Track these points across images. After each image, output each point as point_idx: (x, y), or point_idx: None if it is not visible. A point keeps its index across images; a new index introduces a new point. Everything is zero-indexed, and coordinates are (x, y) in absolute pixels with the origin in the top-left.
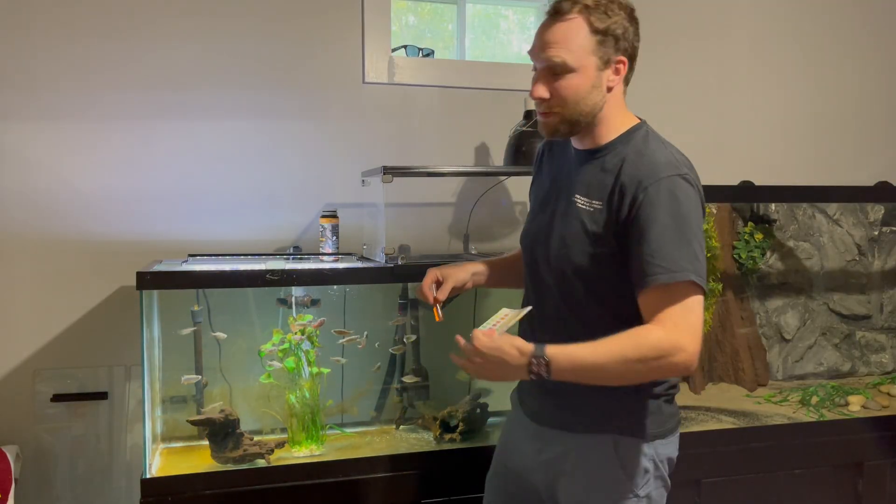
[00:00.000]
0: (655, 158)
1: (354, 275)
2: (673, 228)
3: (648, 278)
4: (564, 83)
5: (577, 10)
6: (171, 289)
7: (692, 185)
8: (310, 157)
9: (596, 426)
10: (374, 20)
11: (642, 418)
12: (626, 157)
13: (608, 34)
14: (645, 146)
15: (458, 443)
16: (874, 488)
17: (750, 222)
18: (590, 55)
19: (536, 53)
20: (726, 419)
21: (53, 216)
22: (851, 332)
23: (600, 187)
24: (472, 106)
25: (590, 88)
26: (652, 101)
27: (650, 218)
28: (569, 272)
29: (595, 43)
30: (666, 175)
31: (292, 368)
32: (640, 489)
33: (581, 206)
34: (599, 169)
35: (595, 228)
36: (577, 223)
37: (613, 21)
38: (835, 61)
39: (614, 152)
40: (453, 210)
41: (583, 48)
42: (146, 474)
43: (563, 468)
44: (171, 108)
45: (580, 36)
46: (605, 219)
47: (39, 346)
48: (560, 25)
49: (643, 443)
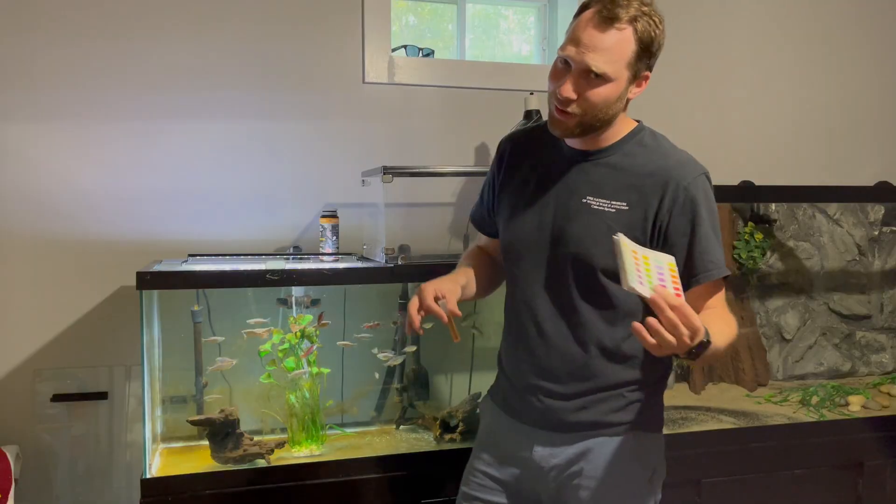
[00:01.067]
0: (680, 158)
1: (354, 275)
2: (712, 227)
3: (702, 275)
4: (597, 90)
5: (628, 19)
6: (171, 289)
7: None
8: (310, 157)
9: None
10: (374, 20)
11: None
12: (641, 156)
13: (648, 50)
14: (660, 146)
15: (458, 443)
16: (874, 488)
17: (750, 222)
18: (626, 69)
19: (577, 52)
20: (726, 419)
21: (53, 216)
22: (851, 332)
23: (619, 188)
24: (472, 106)
25: (616, 99)
26: (652, 100)
27: (696, 217)
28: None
29: (635, 58)
30: (698, 174)
31: (292, 368)
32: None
33: (598, 207)
34: (609, 169)
35: (623, 229)
36: (599, 224)
37: (657, 37)
38: (835, 61)
39: (622, 152)
40: (453, 210)
41: (624, 61)
42: (146, 474)
43: (578, 469)
44: (171, 108)
45: (627, 49)
46: (636, 219)
47: (39, 346)
48: (612, 34)
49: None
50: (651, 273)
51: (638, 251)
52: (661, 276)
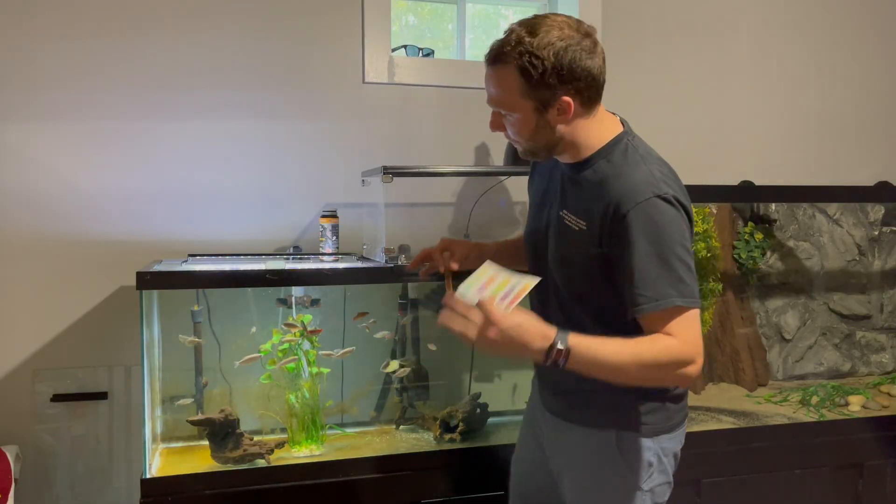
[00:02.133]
0: (633, 180)
1: (354, 275)
2: (652, 255)
3: (636, 308)
4: (510, 123)
5: (508, 56)
6: (171, 289)
7: (671, 202)
8: (310, 157)
9: (598, 421)
10: (374, 20)
11: (645, 414)
12: (604, 177)
13: (541, 80)
14: (624, 164)
15: (458, 443)
16: (874, 488)
17: (750, 222)
18: (522, 99)
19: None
20: (726, 419)
21: (53, 216)
22: (851, 332)
23: (583, 207)
24: (472, 106)
25: (534, 129)
26: (652, 100)
27: (630, 247)
28: (566, 282)
29: (527, 87)
30: (643, 199)
31: (292, 368)
32: (644, 483)
33: (568, 223)
34: (581, 186)
35: (581, 249)
36: (566, 239)
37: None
38: (835, 61)
39: (594, 168)
40: (453, 210)
41: (514, 93)
42: (146, 474)
43: (571, 460)
44: (171, 108)
45: (511, 82)
46: (589, 240)
47: (39, 346)
48: (494, 70)
49: (644, 438)
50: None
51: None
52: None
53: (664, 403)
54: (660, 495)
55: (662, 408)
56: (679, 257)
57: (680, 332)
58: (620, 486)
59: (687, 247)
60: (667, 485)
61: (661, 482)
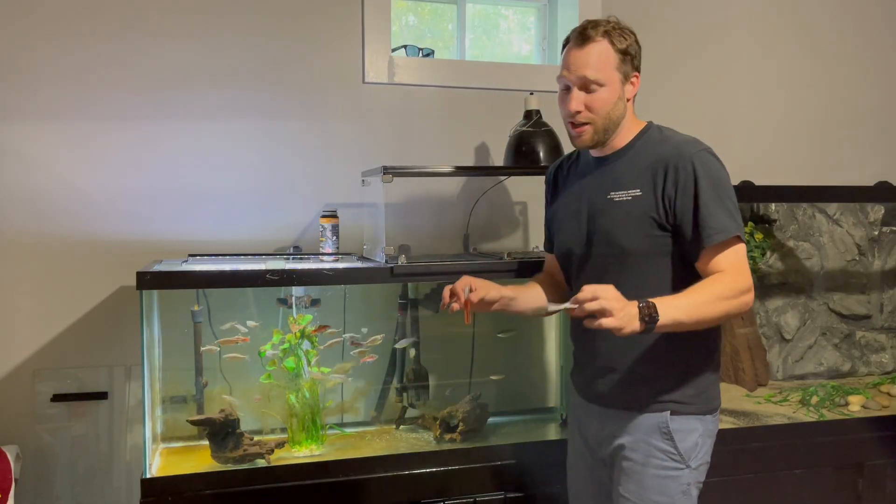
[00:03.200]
0: (677, 140)
1: (354, 275)
2: (715, 195)
3: (705, 240)
4: (597, 96)
5: (601, 34)
6: (171, 289)
7: (715, 155)
8: (310, 157)
9: (652, 402)
10: (374, 20)
11: (694, 395)
12: (650, 148)
13: (627, 53)
14: (662, 134)
15: (458, 443)
16: (874, 488)
17: (750, 222)
18: (615, 71)
19: (570, 72)
20: (726, 419)
21: (53, 216)
22: (851, 332)
23: (633, 178)
24: (472, 106)
25: (616, 100)
26: (652, 100)
27: (693, 190)
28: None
29: (618, 61)
30: (697, 150)
31: (292, 368)
32: (692, 461)
33: (619, 199)
34: (626, 166)
35: (640, 212)
36: (621, 213)
37: (629, 43)
38: (835, 61)
39: (635, 150)
40: (453, 210)
41: (610, 66)
42: (146, 474)
43: (622, 442)
44: (170, 108)
45: (608, 56)
46: (649, 202)
47: (39, 346)
48: (592, 48)
49: (694, 418)
50: None
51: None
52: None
53: (709, 386)
54: (703, 474)
55: (707, 390)
56: (731, 197)
57: (735, 265)
58: (671, 464)
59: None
60: (706, 465)
61: (705, 462)
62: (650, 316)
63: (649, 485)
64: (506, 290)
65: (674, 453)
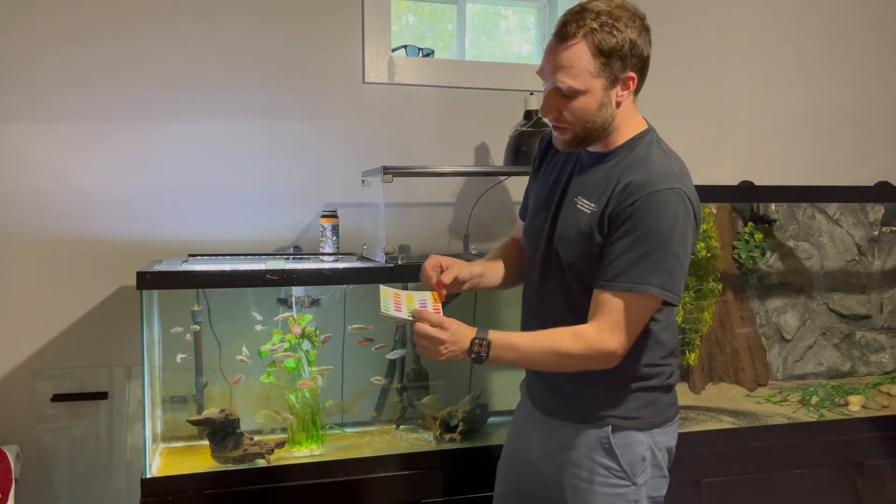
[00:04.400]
0: (652, 171)
1: (354, 275)
2: (635, 241)
3: (611, 283)
4: (573, 105)
5: (582, 33)
6: (171, 289)
7: (682, 199)
8: (310, 157)
9: (593, 417)
10: (374, 20)
11: (637, 409)
12: (626, 166)
13: (613, 55)
14: (647, 156)
15: (458, 443)
16: (874, 488)
17: (750, 222)
18: (595, 78)
19: (544, 75)
20: (726, 419)
21: (53, 216)
22: (851, 332)
23: (598, 191)
24: (472, 106)
25: (597, 108)
26: (652, 100)
27: (631, 227)
28: (566, 269)
29: (600, 66)
30: (656, 189)
31: (293, 368)
32: (639, 477)
33: (580, 207)
34: (604, 174)
35: (587, 228)
36: (575, 222)
37: (620, 40)
38: (835, 61)
39: (619, 158)
40: (453, 210)
41: (588, 72)
42: (146, 474)
43: (566, 457)
44: (171, 108)
45: (584, 61)
46: (596, 221)
47: (39, 346)
48: (565, 51)
49: (639, 432)
50: (413, 303)
51: (401, 293)
52: (422, 303)
53: (655, 398)
54: (655, 489)
55: (654, 402)
56: (674, 252)
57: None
58: (615, 481)
59: (685, 244)
60: (662, 479)
61: (656, 476)
62: (478, 354)
63: (597, 502)
64: (475, 267)
65: (617, 469)
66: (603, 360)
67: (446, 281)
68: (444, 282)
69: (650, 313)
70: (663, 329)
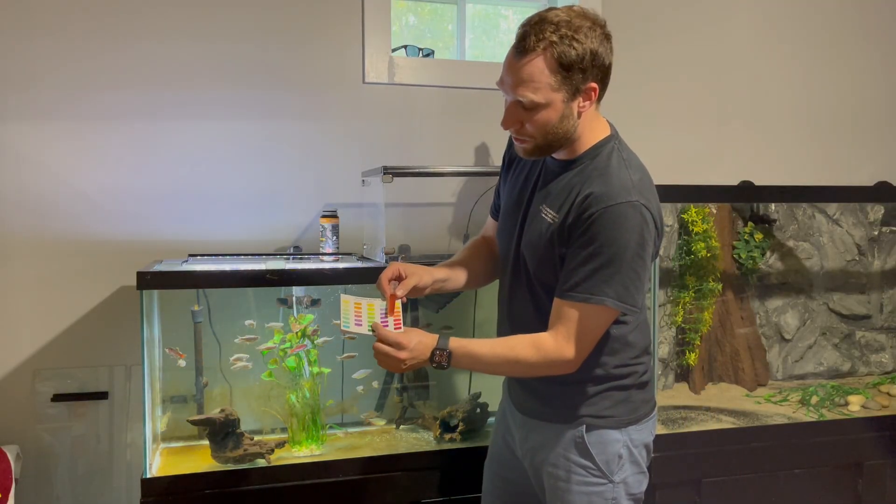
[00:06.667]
0: (611, 183)
1: (354, 275)
2: (605, 254)
3: (568, 293)
4: (534, 117)
5: (542, 46)
6: (171, 289)
7: (639, 212)
8: (310, 157)
9: (567, 416)
10: (374, 20)
11: (611, 407)
12: (586, 177)
13: (574, 68)
14: (607, 166)
15: (458, 443)
16: (874, 488)
17: (750, 222)
18: (556, 91)
19: (504, 88)
20: (726, 419)
21: (53, 216)
22: (851, 332)
23: (561, 201)
24: (472, 106)
25: (559, 120)
26: (652, 100)
27: (589, 239)
28: (532, 275)
29: (561, 79)
30: (614, 203)
31: (293, 368)
32: (616, 475)
33: (544, 215)
34: (567, 182)
35: (549, 237)
36: (539, 232)
37: (581, 52)
38: (835, 61)
39: (581, 167)
40: (453, 210)
41: (549, 85)
42: (146, 474)
43: (544, 457)
44: (171, 108)
45: (545, 74)
46: (556, 230)
47: (39, 346)
48: (525, 65)
49: (614, 430)
50: (374, 313)
51: (362, 301)
52: (382, 313)
53: (629, 396)
54: (634, 486)
55: (627, 400)
56: (631, 264)
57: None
58: (592, 479)
59: (643, 256)
60: (641, 475)
61: (634, 473)
62: (439, 364)
63: (575, 501)
64: (438, 272)
65: (593, 468)
66: (559, 367)
67: (401, 293)
68: (399, 295)
69: (607, 323)
70: (632, 331)
